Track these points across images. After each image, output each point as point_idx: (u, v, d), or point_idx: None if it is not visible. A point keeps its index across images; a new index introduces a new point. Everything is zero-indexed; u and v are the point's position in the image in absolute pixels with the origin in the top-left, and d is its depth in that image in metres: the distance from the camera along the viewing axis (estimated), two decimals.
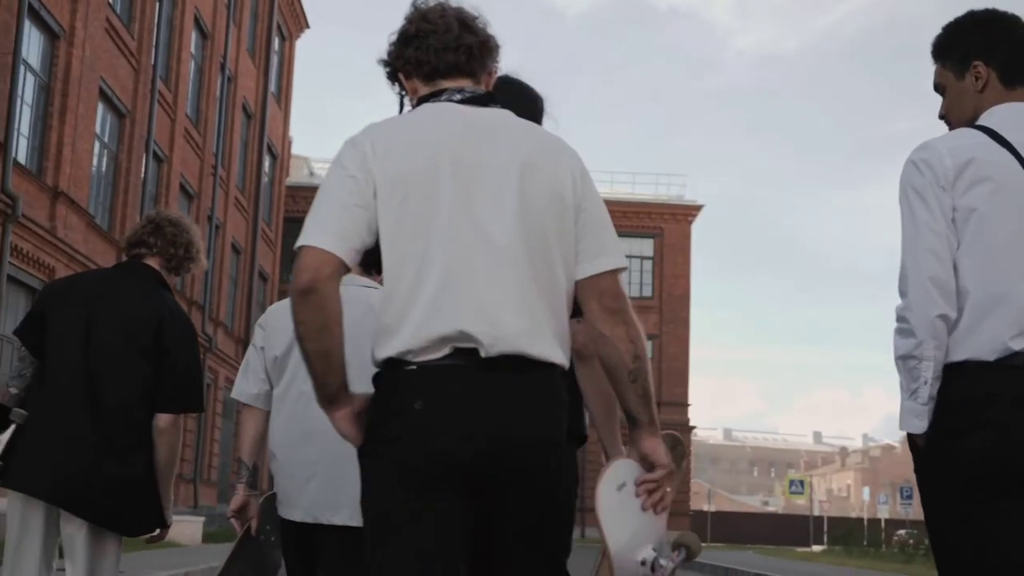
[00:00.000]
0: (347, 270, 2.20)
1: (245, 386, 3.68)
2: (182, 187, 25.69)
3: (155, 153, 23.34)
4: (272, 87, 34.54)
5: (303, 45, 38.99)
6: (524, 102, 3.00)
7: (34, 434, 3.60)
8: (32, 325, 3.76)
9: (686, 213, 43.61)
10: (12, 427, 3.58)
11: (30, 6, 16.51)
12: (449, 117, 2.34)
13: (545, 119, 3.05)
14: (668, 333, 42.89)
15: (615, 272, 2.35)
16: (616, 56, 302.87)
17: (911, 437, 2.64)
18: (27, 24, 16.48)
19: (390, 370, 2.22)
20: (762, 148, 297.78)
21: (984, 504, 2.52)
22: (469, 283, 2.20)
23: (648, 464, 2.34)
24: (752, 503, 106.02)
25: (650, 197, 42.83)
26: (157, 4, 22.87)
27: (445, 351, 2.18)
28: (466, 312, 2.18)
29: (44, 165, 17.67)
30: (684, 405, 43.50)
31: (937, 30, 2.86)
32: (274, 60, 34.82)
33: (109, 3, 20.19)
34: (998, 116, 2.70)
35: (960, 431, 2.54)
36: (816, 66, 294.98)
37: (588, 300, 2.34)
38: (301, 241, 2.19)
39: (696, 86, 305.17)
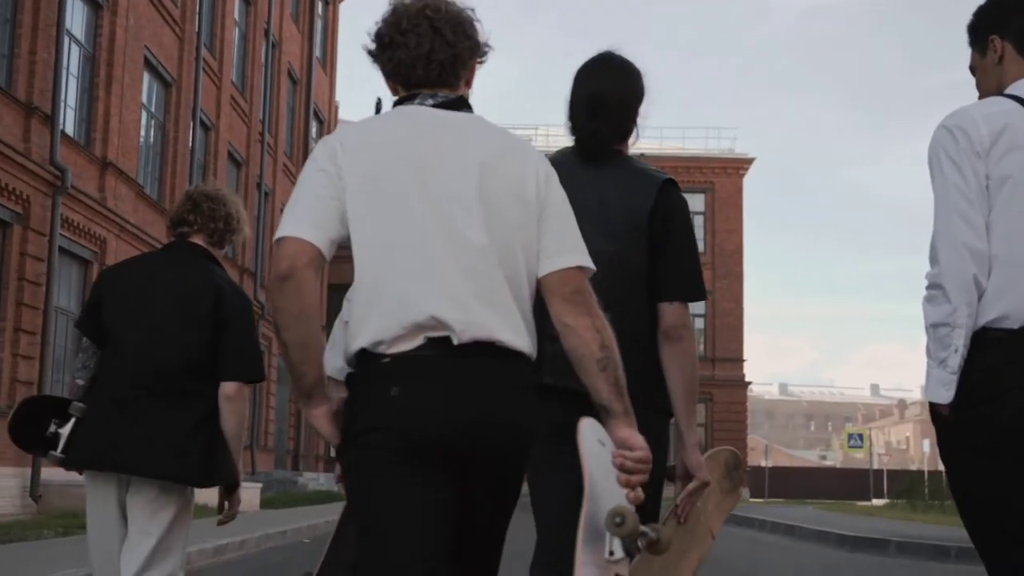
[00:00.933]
0: (324, 260, 2.26)
1: (333, 361, 3.60)
2: (230, 155, 25.70)
3: (202, 121, 23.32)
4: (317, 52, 34.40)
5: (346, 8, 38.71)
6: (627, 78, 3.07)
7: (95, 412, 3.66)
8: (91, 314, 3.83)
9: (737, 167, 42.95)
10: (72, 420, 3.68)
11: None
12: (419, 120, 2.41)
13: (646, 97, 3.09)
14: (721, 289, 42.44)
15: (578, 269, 2.39)
16: (660, 11, 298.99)
17: (933, 406, 2.63)
18: None
19: (364, 363, 2.27)
20: (813, 99, 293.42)
21: (1013, 465, 2.53)
22: (437, 274, 2.26)
23: (627, 449, 2.33)
24: (810, 458, 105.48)
25: (700, 151, 42.13)
26: None
27: (419, 341, 2.23)
28: (436, 300, 2.23)
29: (92, 136, 17.70)
30: (739, 360, 43.14)
31: None
32: (318, 24, 34.65)
33: None
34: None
35: (985, 398, 2.55)
36: (866, 13, 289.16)
37: (551, 295, 2.38)
38: (279, 233, 2.26)
39: (743, 38, 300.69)
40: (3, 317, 14.86)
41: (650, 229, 2.96)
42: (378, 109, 3.30)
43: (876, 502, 38.57)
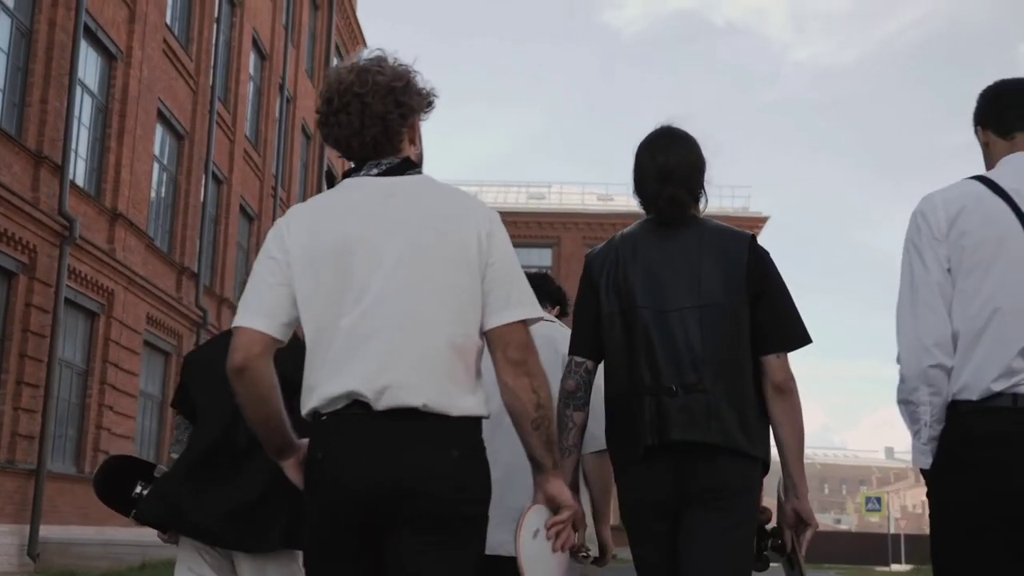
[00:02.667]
0: (279, 344, 2.48)
1: None
2: (242, 208, 25.52)
3: (214, 175, 23.17)
4: None
5: None
6: (691, 149, 3.20)
7: (191, 482, 3.68)
8: (182, 395, 3.97)
9: (752, 225, 42.73)
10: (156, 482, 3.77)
11: (86, 27, 16.37)
12: (361, 192, 2.55)
13: (709, 156, 3.24)
14: None
15: (521, 324, 2.49)
16: (674, 73, 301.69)
17: (922, 471, 2.80)
18: (83, 45, 16.33)
19: (313, 422, 2.48)
20: (823, 160, 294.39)
21: (982, 537, 2.64)
22: (367, 347, 2.40)
23: (555, 506, 2.52)
24: (825, 521, 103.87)
25: (714, 210, 42.07)
26: (215, 25, 22.73)
27: (344, 404, 2.41)
28: (359, 374, 2.38)
29: (102, 187, 17.52)
30: None
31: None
32: None
33: (167, 24, 20.08)
34: (1003, 166, 2.87)
35: (951, 469, 2.69)
36: (874, 77, 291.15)
37: (495, 351, 2.48)
38: (234, 323, 2.49)
39: (754, 100, 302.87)
40: (5, 369, 14.52)
41: (748, 283, 3.03)
42: (329, 181, 3.39)
43: (895, 567, 37.70)
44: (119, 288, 17.79)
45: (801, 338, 3.08)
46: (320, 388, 2.43)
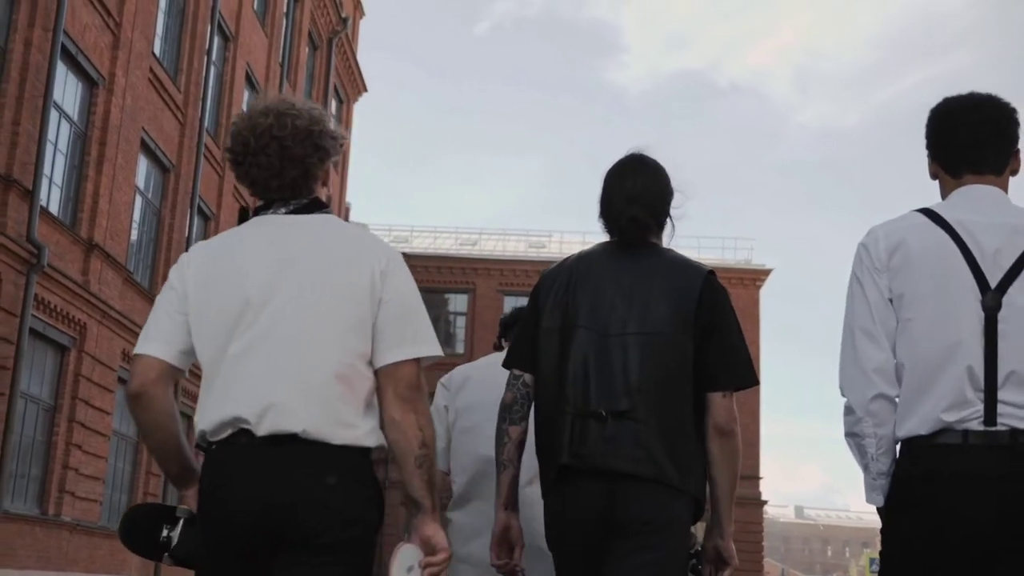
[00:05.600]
0: (177, 370, 2.60)
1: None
2: None
3: (200, 209, 22.54)
4: None
5: (361, 107, 38.47)
6: (658, 174, 3.20)
7: None
8: None
9: (754, 278, 42.09)
10: (181, 522, 3.54)
11: (66, 50, 15.82)
12: (265, 230, 2.63)
13: (676, 192, 3.22)
14: (738, 402, 41.00)
15: (414, 362, 2.54)
16: (677, 133, 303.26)
17: (877, 508, 2.76)
18: (61, 67, 15.77)
19: (204, 450, 2.56)
20: (826, 218, 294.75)
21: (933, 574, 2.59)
22: (252, 374, 2.46)
23: (430, 548, 2.52)
24: None
25: (716, 261, 41.42)
26: (205, 58, 22.22)
27: (228, 431, 2.49)
28: (242, 399, 2.46)
29: (78, 216, 16.84)
30: (756, 478, 41.45)
31: (1000, 102, 2.91)
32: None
33: (154, 53, 19.55)
34: (953, 196, 2.84)
35: (902, 507, 2.65)
36: (878, 139, 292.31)
37: (384, 387, 2.53)
38: (134, 351, 2.61)
39: (758, 160, 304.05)
40: None
41: (697, 318, 2.98)
42: (243, 219, 3.17)
43: None
44: (92, 322, 17.07)
45: (748, 378, 3.04)
46: (207, 413, 2.52)
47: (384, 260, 2.58)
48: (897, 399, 2.70)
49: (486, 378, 3.89)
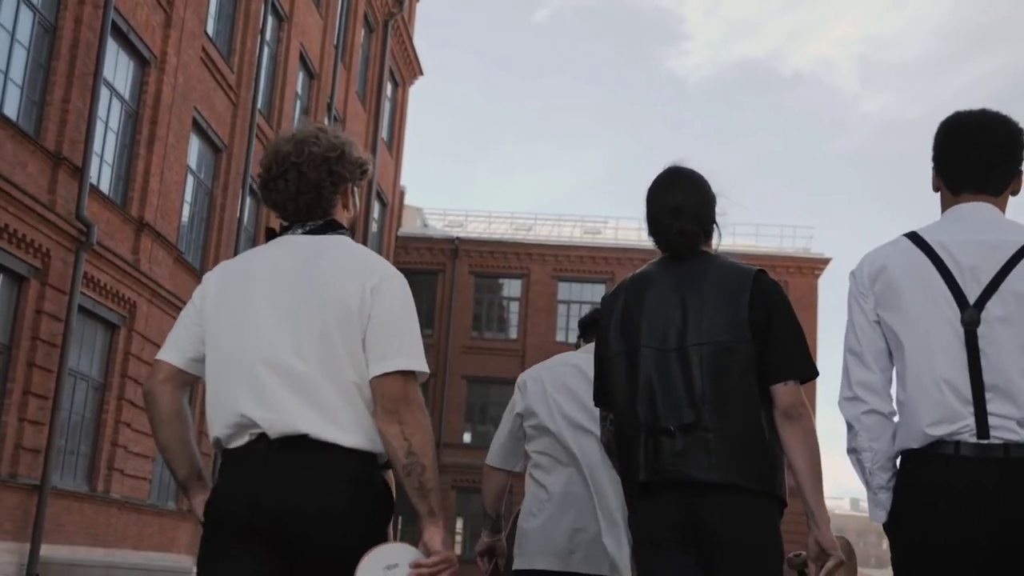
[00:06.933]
0: (186, 374, 2.85)
1: (494, 448, 4.28)
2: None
3: (253, 190, 22.53)
4: (384, 133, 33.84)
5: (416, 91, 38.34)
6: (699, 185, 3.28)
7: None
8: None
9: (812, 267, 41.27)
10: None
11: (117, 28, 15.82)
12: (281, 248, 2.85)
13: (719, 197, 3.31)
14: None
15: (399, 375, 2.67)
16: (740, 122, 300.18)
17: (883, 525, 2.85)
18: (112, 45, 15.77)
19: (217, 451, 2.78)
20: (887, 211, 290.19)
21: None
22: (257, 382, 2.66)
23: (425, 551, 2.61)
24: None
25: (774, 250, 40.80)
26: (259, 38, 22.17)
27: (245, 438, 2.68)
28: (250, 404, 2.65)
29: (129, 195, 16.87)
30: None
31: (1010, 125, 2.94)
32: (386, 105, 34.15)
33: (206, 33, 19.53)
34: (944, 218, 2.94)
35: (902, 520, 2.75)
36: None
37: (375, 399, 2.68)
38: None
39: (821, 150, 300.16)
40: (11, 379, 13.82)
41: (752, 318, 3.05)
42: (269, 238, 3.21)
43: None
44: (142, 300, 17.11)
45: (808, 368, 3.07)
46: (216, 418, 2.72)
47: (377, 277, 2.72)
48: (892, 415, 2.81)
49: (553, 378, 4.14)
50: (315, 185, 2.81)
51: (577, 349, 4.34)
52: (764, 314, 3.06)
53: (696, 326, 3.06)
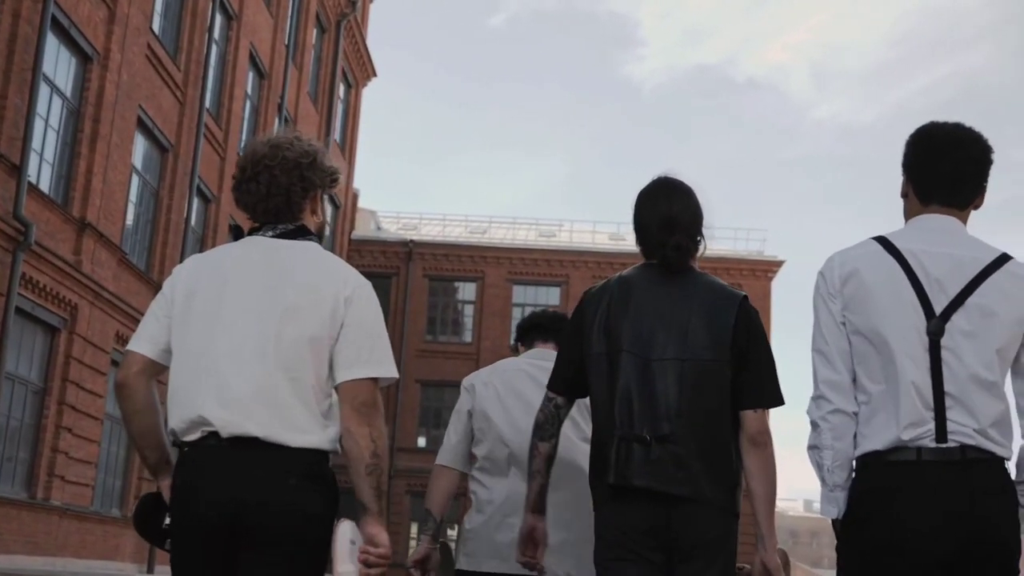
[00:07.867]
0: (158, 365, 2.89)
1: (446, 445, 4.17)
2: (232, 230, 24.46)
3: (200, 191, 22.15)
4: (336, 135, 33.48)
5: (370, 92, 37.99)
6: (690, 198, 3.32)
7: None
8: None
9: (766, 269, 41.38)
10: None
11: (58, 23, 15.42)
12: (251, 249, 2.92)
13: (705, 209, 3.35)
14: None
15: (370, 380, 2.80)
16: (694, 128, 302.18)
17: (832, 521, 2.92)
18: (52, 40, 15.38)
19: (171, 440, 2.87)
20: (840, 216, 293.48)
21: None
22: (218, 379, 2.72)
23: (372, 544, 2.75)
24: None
25: (728, 252, 40.89)
26: (206, 35, 21.79)
27: (198, 434, 2.75)
28: (208, 402, 2.72)
29: (71, 194, 16.46)
30: None
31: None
32: (338, 107, 33.79)
33: (152, 30, 19.14)
34: (909, 225, 2.99)
35: (860, 519, 2.78)
36: (893, 136, 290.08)
37: (343, 402, 2.79)
38: (126, 348, 2.93)
39: (774, 157, 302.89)
40: None
41: (734, 342, 3.12)
42: (236, 236, 3.16)
43: None
44: (84, 303, 16.69)
45: (777, 398, 3.18)
46: (176, 412, 2.78)
47: (350, 288, 2.83)
48: (855, 415, 2.84)
49: (505, 383, 4.09)
50: (286, 188, 2.90)
51: (517, 354, 4.29)
52: (745, 339, 3.14)
53: (680, 340, 3.10)
